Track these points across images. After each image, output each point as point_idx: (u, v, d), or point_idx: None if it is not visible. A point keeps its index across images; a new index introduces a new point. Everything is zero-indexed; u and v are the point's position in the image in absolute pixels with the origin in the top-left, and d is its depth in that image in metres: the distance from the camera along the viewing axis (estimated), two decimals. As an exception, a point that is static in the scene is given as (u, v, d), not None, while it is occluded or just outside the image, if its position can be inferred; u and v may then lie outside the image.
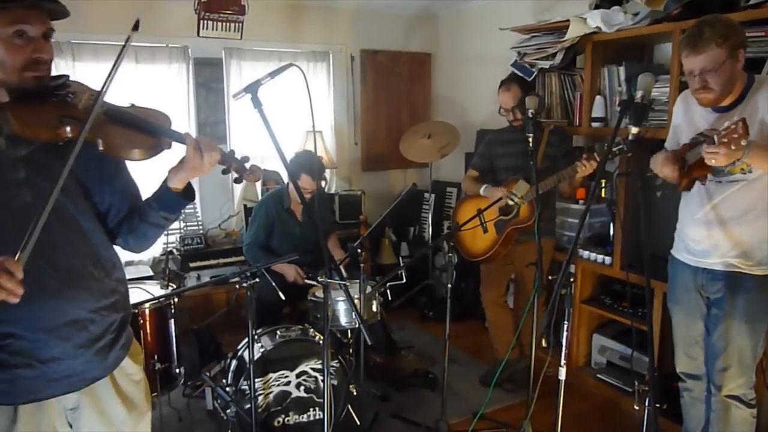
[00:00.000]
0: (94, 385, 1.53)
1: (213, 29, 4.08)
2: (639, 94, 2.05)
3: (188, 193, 1.62)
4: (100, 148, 1.38)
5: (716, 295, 2.35)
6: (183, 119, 4.45)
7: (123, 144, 1.40)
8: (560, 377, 1.91)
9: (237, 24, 4.13)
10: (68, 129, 1.33)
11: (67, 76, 1.43)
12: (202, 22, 4.03)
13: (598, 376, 3.55)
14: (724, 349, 2.34)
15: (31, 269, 1.22)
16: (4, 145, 1.38)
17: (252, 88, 1.71)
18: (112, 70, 1.32)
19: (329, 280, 1.93)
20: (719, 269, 2.31)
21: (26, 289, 1.19)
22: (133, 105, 1.52)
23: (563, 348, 1.89)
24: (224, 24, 4.11)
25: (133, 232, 1.63)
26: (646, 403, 1.97)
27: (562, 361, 1.89)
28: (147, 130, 1.46)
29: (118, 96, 1.55)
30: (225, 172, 1.59)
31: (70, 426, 1.54)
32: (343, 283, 1.91)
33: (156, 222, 1.62)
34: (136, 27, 1.33)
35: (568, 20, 3.36)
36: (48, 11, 1.38)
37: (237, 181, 1.60)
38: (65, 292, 1.45)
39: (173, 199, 1.59)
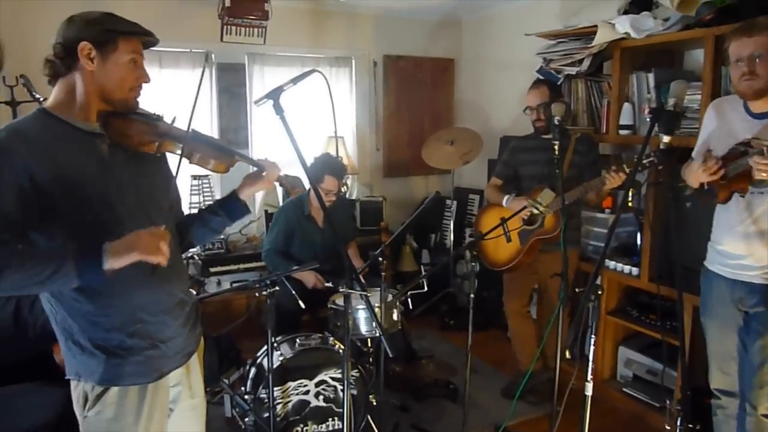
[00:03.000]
0: (190, 360, 1.78)
1: (236, 34, 4.10)
2: (671, 101, 1.98)
3: (247, 206, 1.90)
4: (192, 161, 1.68)
5: (755, 309, 2.26)
6: (206, 124, 4.45)
7: (206, 157, 1.71)
8: (587, 393, 1.85)
9: (260, 29, 4.15)
10: (175, 145, 1.63)
11: None
12: (225, 27, 4.05)
13: (624, 389, 3.46)
14: (761, 366, 2.25)
15: None
16: (107, 152, 1.58)
17: (274, 95, 1.69)
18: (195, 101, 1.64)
19: (350, 291, 1.89)
20: (758, 282, 2.23)
21: (147, 276, 1.46)
22: (194, 130, 1.72)
23: (589, 362, 1.83)
24: (247, 29, 4.13)
25: (191, 234, 1.88)
26: (678, 423, 1.90)
27: (589, 376, 1.84)
28: (222, 149, 1.77)
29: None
30: (283, 186, 1.88)
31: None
32: (365, 293, 1.87)
33: (216, 227, 1.90)
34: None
35: (595, 26, 3.29)
36: (144, 43, 1.61)
37: (287, 195, 1.81)
38: (172, 276, 1.67)
39: (240, 208, 1.88)
